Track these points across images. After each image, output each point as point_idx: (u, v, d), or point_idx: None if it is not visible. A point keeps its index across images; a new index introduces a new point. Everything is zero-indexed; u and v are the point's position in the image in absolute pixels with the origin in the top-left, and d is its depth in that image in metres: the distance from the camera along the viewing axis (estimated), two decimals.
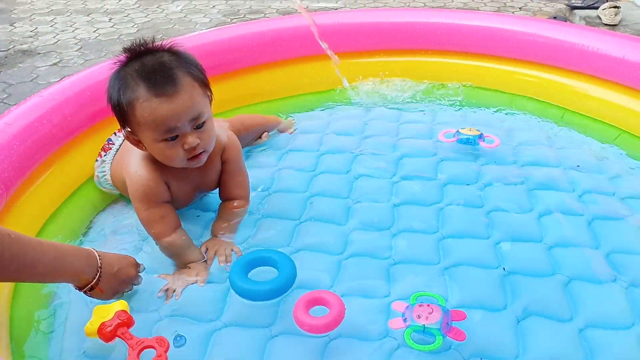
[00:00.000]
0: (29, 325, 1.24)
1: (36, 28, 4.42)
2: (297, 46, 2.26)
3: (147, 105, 1.24)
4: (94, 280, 1.15)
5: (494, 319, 1.20)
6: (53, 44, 4.03)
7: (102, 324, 1.12)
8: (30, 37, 4.20)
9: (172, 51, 1.34)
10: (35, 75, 3.39)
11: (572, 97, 2.13)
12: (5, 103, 2.99)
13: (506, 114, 2.16)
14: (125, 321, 1.13)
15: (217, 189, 1.57)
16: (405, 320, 1.13)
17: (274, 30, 2.26)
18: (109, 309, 1.14)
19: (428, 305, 1.13)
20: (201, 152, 1.35)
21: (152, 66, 1.27)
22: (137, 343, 1.09)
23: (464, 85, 2.33)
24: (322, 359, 1.12)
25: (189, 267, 1.36)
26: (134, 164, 1.41)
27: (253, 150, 1.92)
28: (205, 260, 1.39)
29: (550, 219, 1.51)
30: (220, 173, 1.54)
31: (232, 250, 1.41)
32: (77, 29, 4.40)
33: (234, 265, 1.30)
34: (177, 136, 1.30)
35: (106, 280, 1.18)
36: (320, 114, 2.21)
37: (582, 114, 2.09)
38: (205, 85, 1.36)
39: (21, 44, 4.01)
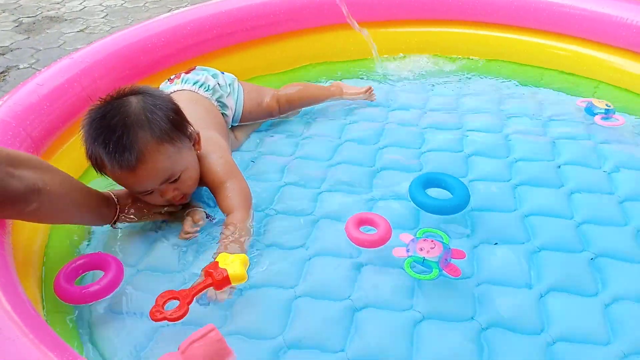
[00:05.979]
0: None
1: None
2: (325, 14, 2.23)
3: (114, 173, 1.25)
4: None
5: (519, 293, 1.20)
6: (79, 10, 4.04)
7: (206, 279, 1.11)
8: (58, 3, 4.21)
9: (140, 95, 1.24)
10: (62, 42, 3.41)
11: (606, 71, 2.08)
12: (33, 68, 3.02)
13: (536, 87, 2.13)
14: (212, 283, 1.10)
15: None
16: (408, 250, 1.20)
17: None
18: (227, 260, 1.13)
19: (432, 241, 1.19)
20: (183, 195, 1.34)
21: (113, 129, 1.19)
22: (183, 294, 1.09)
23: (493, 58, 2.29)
24: (350, 328, 1.12)
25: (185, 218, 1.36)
26: None
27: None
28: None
29: (581, 197, 1.48)
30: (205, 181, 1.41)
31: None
32: None
33: (413, 181, 1.42)
34: (153, 190, 1.29)
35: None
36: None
37: (616, 87, 2.05)
38: (176, 137, 1.26)
39: (48, 11, 4.03)
